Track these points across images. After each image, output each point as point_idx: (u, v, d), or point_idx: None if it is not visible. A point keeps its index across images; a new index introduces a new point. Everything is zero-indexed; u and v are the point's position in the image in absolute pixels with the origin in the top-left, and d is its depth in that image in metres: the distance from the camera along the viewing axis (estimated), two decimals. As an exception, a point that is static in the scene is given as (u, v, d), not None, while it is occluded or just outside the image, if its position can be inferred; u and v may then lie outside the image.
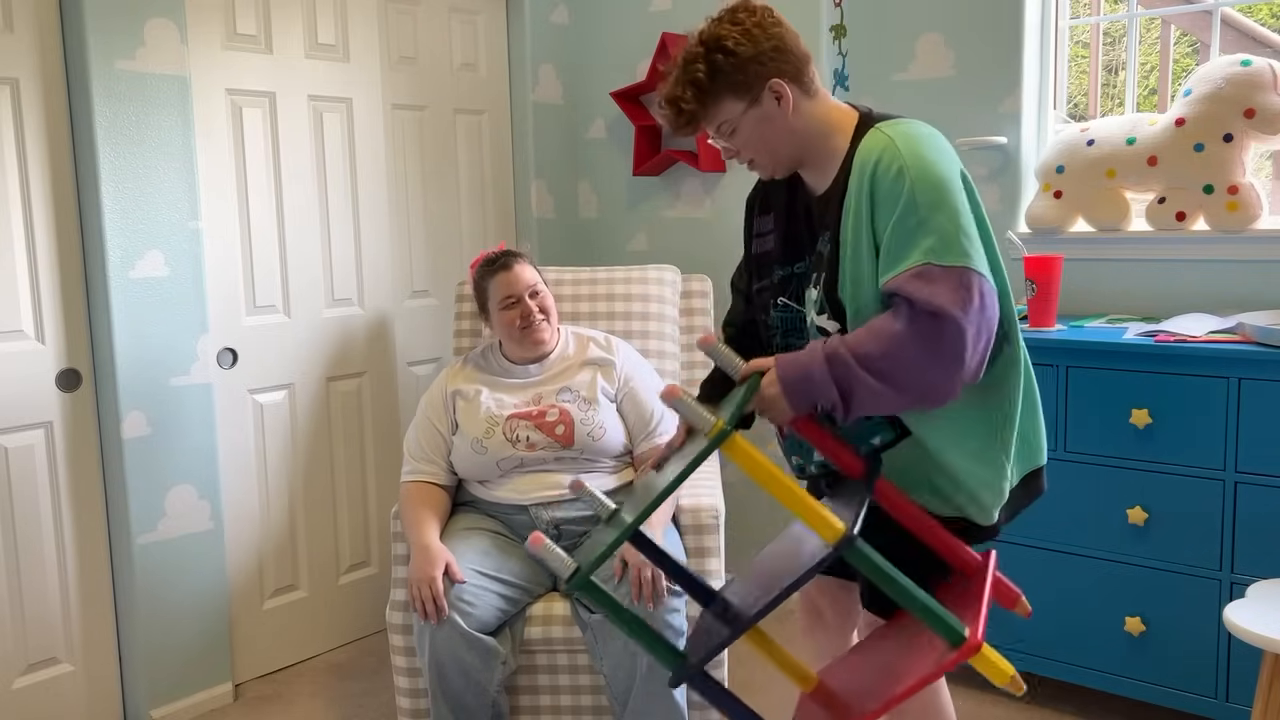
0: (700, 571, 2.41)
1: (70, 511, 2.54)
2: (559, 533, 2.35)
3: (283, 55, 2.88)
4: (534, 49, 3.49)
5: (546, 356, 2.50)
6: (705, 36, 1.64)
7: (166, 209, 2.59)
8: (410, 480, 2.42)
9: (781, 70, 1.62)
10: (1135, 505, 2.39)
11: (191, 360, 2.67)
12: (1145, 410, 2.36)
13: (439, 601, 2.12)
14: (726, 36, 1.61)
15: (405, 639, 2.34)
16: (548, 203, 3.60)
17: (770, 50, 1.61)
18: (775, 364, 1.57)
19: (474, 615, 2.16)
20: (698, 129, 1.68)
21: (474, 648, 2.15)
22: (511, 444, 2.36)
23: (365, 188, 3.11)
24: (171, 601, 2.67)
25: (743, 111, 1.63)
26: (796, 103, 1.63)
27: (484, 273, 2.50)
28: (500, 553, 2.30)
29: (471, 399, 2.43)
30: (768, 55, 1.61)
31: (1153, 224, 2.68)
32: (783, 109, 1.62)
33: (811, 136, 1.66)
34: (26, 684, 2.50)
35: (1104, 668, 2.48)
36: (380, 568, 3.23)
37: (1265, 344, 2.22)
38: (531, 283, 2.46)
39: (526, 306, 2.43)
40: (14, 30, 2.38)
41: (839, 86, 3.16)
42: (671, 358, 2.97)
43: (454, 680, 2.17)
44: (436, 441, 2.44)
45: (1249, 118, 2.50)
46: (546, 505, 2.36)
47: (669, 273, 3.04)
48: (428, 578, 2.15)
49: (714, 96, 1.62)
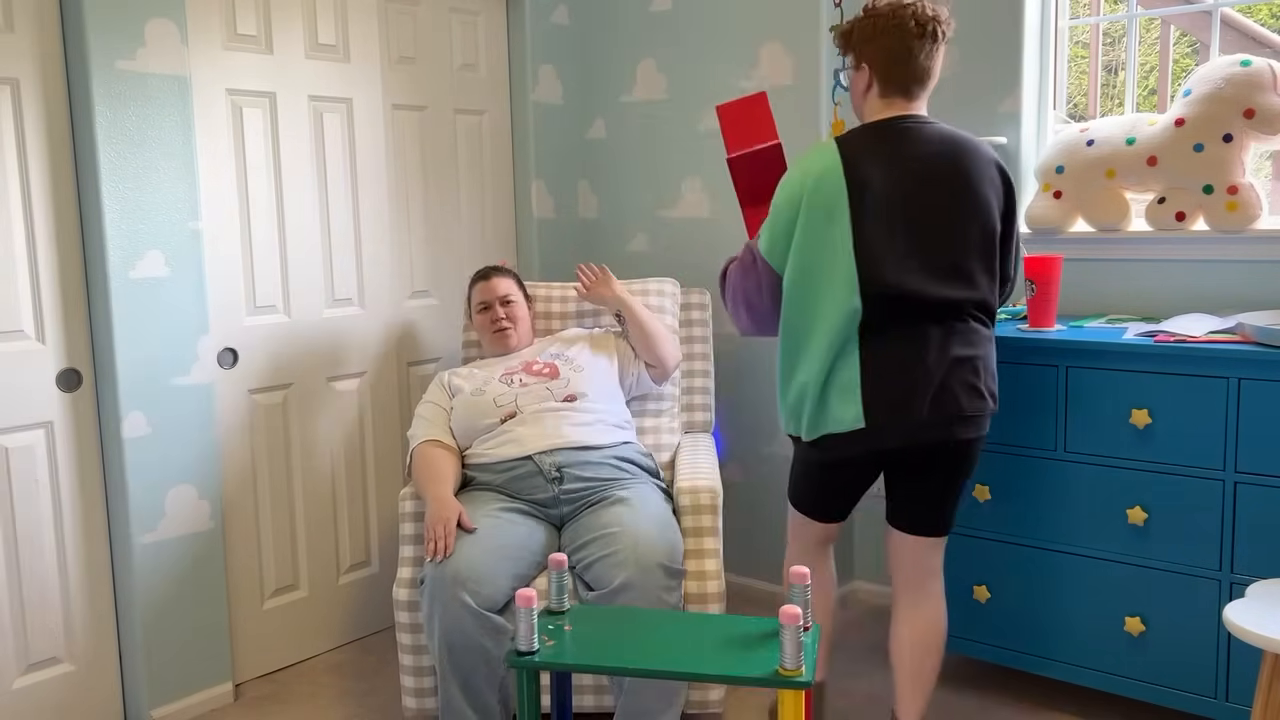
0: (698, 551, 2.46)
1: (70, 511, 2.54)
2: (561, 475, 2.50)
3: (283, 55, 2.88)
4: (534, 49, 3.49)
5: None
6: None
7: (166, 209, 2.59)
8: (419, 442, 2.60)
9: (873, 65, 2.14)
10: (1135, 505, 2.40)
11: (192, 360, 2.67)
12: (1145, 410, 2.36)
13: (449, 540, 2.29)
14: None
15: (411, 616, 2.41)
16: (548, 203, 3.60)
17: (880, 43, 2.12)
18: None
19: (483, 594, 2.22)
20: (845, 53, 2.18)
21: (484, 626, 2.22)
22: (506, 385, 2.66)
23: (365, 188, 3.11)
24: (171, 601, 2.67)
25: (852, 67, 2.17)
26: (870, 96, 2.16)
27: (472, 280, 2.91)
28: (508, 528, 2.38)
29: (465, 376, 2.76)
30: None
31: (1152, 224, 2.68)
32: (863, 90, 2.16)
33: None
34: (26, 684, 2.50)
35: (1104, 668, 2.48)
36: (380, 567, 3.23)
37: (1265, 344, 2.23)
38: (504, 293, 2.85)
39: (496, 312, 2.82)
40: (14, 30, 2.38)
41: (839, 87, 3.16)
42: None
43: (463, 659, 2.22)
44: (440, 416, 2.68)
45: (1249, 118, 2.50)
46: (549, 452, 2.52)
47: (669, 285, 3.07)
48: (443, 519, 2.33)
49: (843, 41, 2.22)
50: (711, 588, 2.43)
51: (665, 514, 2.45)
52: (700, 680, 1.71)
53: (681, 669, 1.67)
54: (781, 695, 1.64)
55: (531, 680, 1.75)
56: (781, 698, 1.64)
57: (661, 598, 2.23)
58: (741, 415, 3.41)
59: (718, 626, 1.83)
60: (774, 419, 3.33)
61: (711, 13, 3.33)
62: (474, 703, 2.26)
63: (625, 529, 2.31)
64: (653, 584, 2.23)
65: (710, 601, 2.42)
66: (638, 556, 2.24)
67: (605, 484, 2.50)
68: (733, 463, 3.46)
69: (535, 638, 1.74)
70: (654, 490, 2.55)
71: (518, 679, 1.75)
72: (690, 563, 2.46)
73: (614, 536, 2.31)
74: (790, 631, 1.62)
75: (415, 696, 2.46)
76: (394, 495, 3.25)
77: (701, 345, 3.08)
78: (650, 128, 3.52)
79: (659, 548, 2.28)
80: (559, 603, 1.91)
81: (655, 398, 2.95)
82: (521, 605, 1.72)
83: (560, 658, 1.72)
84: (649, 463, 2.66)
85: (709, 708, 2.47)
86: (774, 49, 3.19)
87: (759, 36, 3.22)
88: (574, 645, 1.77)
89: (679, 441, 2.94)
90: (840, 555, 3.35)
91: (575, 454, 2.53)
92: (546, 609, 1.92)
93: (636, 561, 2.23)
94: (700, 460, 2.72)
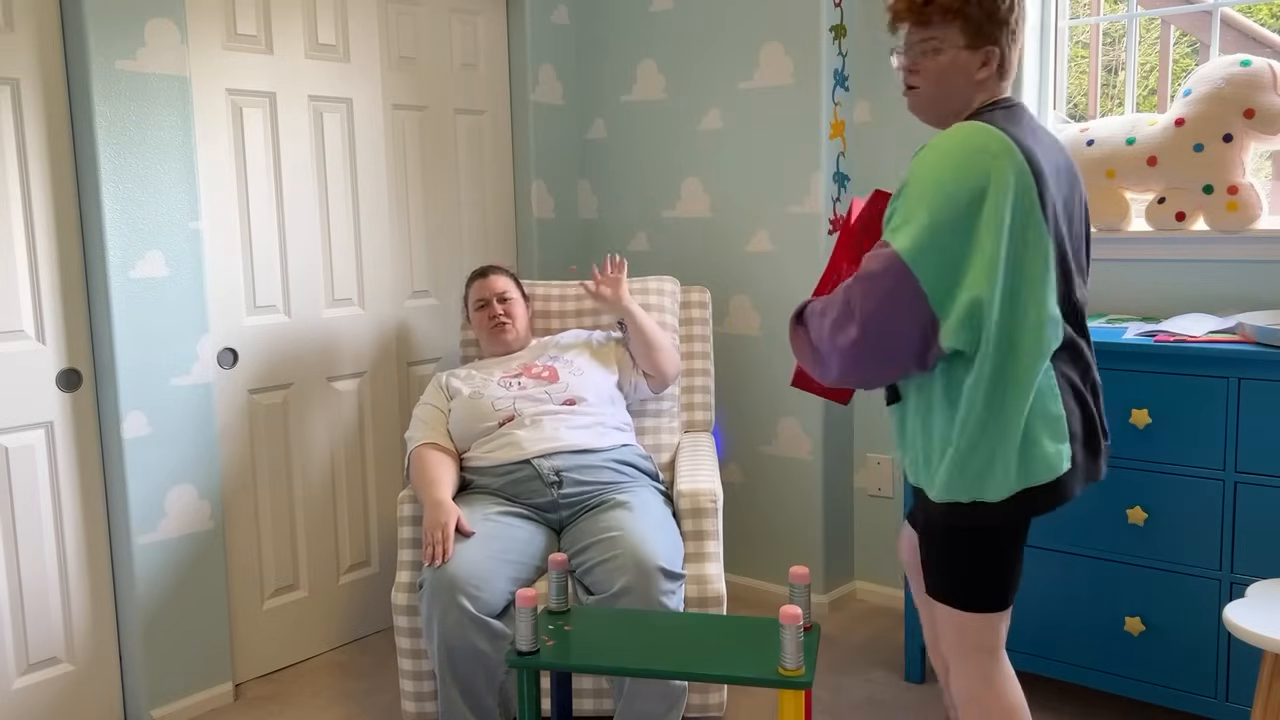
0: (699, 555, 2.46)
1: (70, 511, 2.54)
2: (560, 479, 2.48)
3: (283, 55, 2.88)
4: (534, 49, 3.49)
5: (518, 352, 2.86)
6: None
7: (166, 209, 2.59)
8: (417, 445, 2.59)
9: (1003, 47, 1.76)
10: (1135, 505, 2.39)
11: (192, 360, 2.67)
12: (1145, 410, 2.36)
13: (447, 545, 2.27)
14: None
15: (410, 620, 2.41)
16: (548, 203, 3.60)
17: (1014, 26, 1.77)
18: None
19: (482, 599, 2.22)
20: (906, 25, 1.79)
21: (483, 631, 2.21)
22: (505, 389, 2.66)
23: (365, 188, 3.11)
24: (171, 601, 2.67)
25: (957, 46, 1.74)
26: (985, 79, 1.76)
27: (470, 279, 2.93)
28: (507, 532, 2.38)
29: (464, 378, 2.75)
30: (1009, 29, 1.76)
31: (1152, 224, 2.68)
32: (977, 72, 1.75)
33: (964, 110, 1.79)
34: (26, 684, 2.50)
35: (1104, 668, 2.48)
36: (380, 568, 3.23)
37: (1265, 344, 2.22)
38: (502, 290, 2.86)
39: (494, 309, 2.83)
40: (14, 30, 2.38)
41: (839, 86, 3.16)
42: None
43: (463, 663, 2.22)
44: (438, 418, 2.67)
45: (1249, 118, 2.50)
46: (548, 455, 2.51)
47: (668, 283, 3.07)
48: (440, 523, 2.31)
49: (950, 16, 1.74)
50: (712, 591, 2.43)
51: (665, 517, 2.44)
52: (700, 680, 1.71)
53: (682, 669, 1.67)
54: (782, 695, 1.64)
55: (532, 681, 1.75)
56: (782, 698, 1.64)
57: (662, 602, 2.22)
58: (741, 415, 3.41)
59: (718, 627, 1.83)
60: (774, 419, 3.33)
61: (711, 13, 3.33)
62: (474, 707, 2.25)
63: (625, 533, 2.30)
64: (653, 588, 2.22)
65: (711, 605, 2.42)
66: (638, 561, 2.23)
67: (604, 487, 2.50)
68: (733, 463, 3.46)
69: (536, 638, 1.74)
70: (653, 493, 2.55)
71: (518, 679, 1.75)
72: (690, 566, 2.45)
73: (614, 540, 2.30)
74: (790, 631, 1.62)
75: (415, 700, 2.46)
76: (394, 495, 3.25)
77: (701, 345, 3.08)
78: (650, 128, 3.52)
79: (659, 551, 2.27)
80: (559, 603, 1.91)
81: (655, 398, 2.95)
82: (522, 605, 1.72)
83: (561, 658, 1.72)
84: (648, 465, 2.66)
85: (709, 711, 2.46)
86: (774, 49, 3.19)
87: (759, 36, 3.22)
88: (574, 646, 1.77)
89: (679, 442, 2.94)
90: (840, 555, 3.36)
91: (574, 457, 2.52)
92: (547, 609, 1.92)
93: (637, 566, 2.22)
94: (700, 462, 2.72)
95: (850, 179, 3.24)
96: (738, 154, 3.32)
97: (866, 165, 3.23)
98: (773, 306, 3.30)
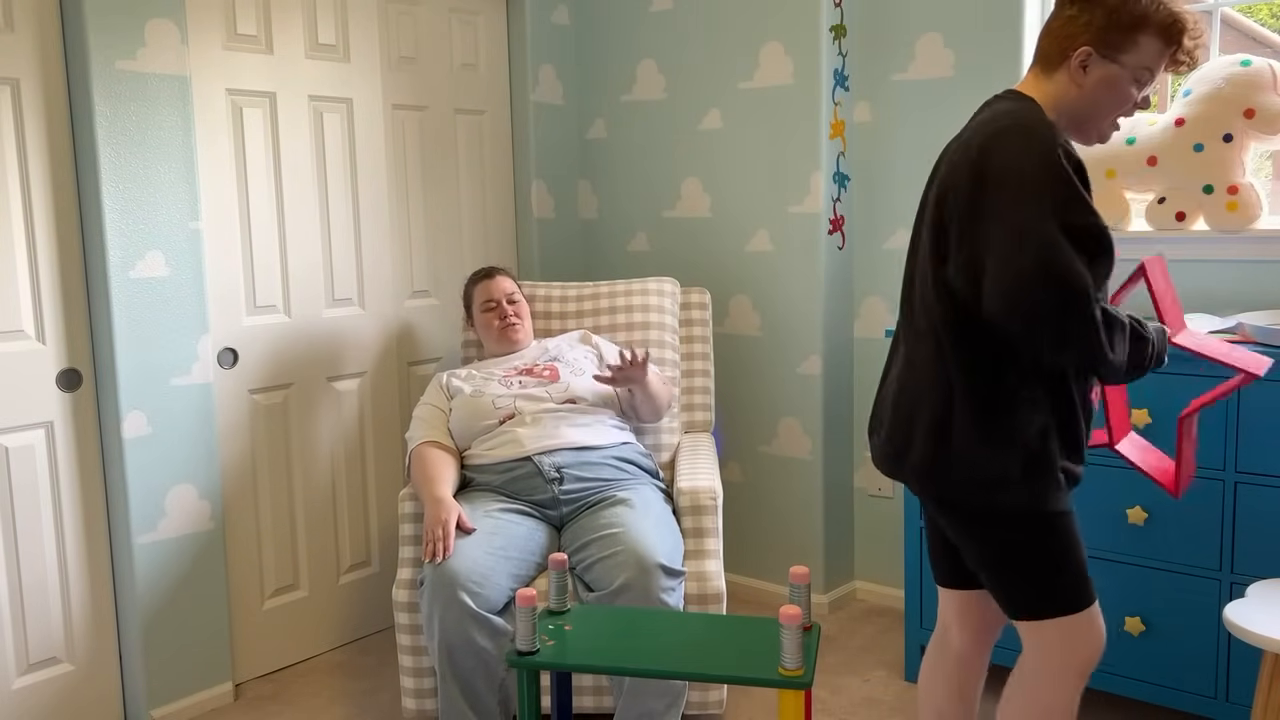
0: (699, 552, 2.46)
1: (71, 511, 2.54)
2: (560, 476, 2.49)
3: (283, 55, 2.88)
4: (534, 49, 3.49)
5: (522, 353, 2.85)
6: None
7: (166, 209, 2.59)
8: (418, 443, 2.59)
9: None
10: (1135, 505, 2.39)
11: (192, 360, 2.67)
12: (1145, 410, 2.36)
13: (448, 541, 2.27)
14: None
15: (411, 617, 2.41)
16: (548, 203, 3.60)
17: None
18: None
19: (483, 595, 2.22)
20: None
21: (483, 627, 2.22)
22: (505, 387, 2.66)
23: (365, 188, 3.11)
24: (171, 601, 2.67)
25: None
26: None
27: (471, 281, 2.92)
28: (507, 529, 2.38)
29: (464, 377, 2.75)
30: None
31: (1152, 224, 2.68)
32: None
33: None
34: (26, 684, 2.50)
35: (1104, 667, 2.48)
36: (380, 568, 3.23)
37: (1265, 344, 2.22)
38: (509, 290, 2.86)
39: (504, 309, 2.83)
40: (14, 30, 2.38)
41: (839, 86, 3.16)
42: (670, 365, 2.99)
43: (464, 661, 2.22)
44: (439, 417, 2.68)
45: (1249, 118, 2.50)
46: (549, 453, 2.52)
47: (668, 284, 3.07)
48: (440, 521, 2.31)
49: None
50: (712, 589, 2.43)
51: (665, 515, 2.45)
52: (701, 680, 1.71)
53: (682, 669, 1.67)
54: (781, 695, 1.64)
55: (532, 680, 1.75)
56: (781, 698, 1.64)
57: (662, 599, 2.23)
58: (742, 415, 3.41)
59: (718, 626, 1.83)
60: (774, 419, 3.33)
61: (711, 13, 3.33)
62: (474, 704, 2.25)
63: (626, 530, 2.31)
64: (653, 585, 2.23)
65: (710, 602, 2.42)
66: (638, 557, 2.24)
67: (605, 484, 2.50)
68: (733, 462, 3.46)
69: (535, 637, 1.74)
70: (654, 491, 2.55)
71: (518, 679, 1.75)
72: (690, 563, 2.46)
73: (614, 537, 2.30)
74: (790, 631, 1.62)
75: (415, 698, 2.46)
76: (394, 495, 3.25)
77: (701, 345, 3.08)
78: (650, 128, 3.52)
79: (659, 548, 2.28)
80: (559, 603, 1.91)
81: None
82: (522, 605, 1.72)
83: (561, 658, 1.72)
84: (649, 463, 2.66)
85: (709, 709, 2.47)
86: (774, 49, 3.19)
87: (759, 36, 3.22)
88: (574, 645, 1.77)
89: (679, 441, 2.94)
90: (840, 555, 3.36)
91: (575, 454, 2.53)
92: (547, 609, 1.92)
93: (637, 562, 2.23)
94: (700, 460, 2.73)
95: (850, 179, 3.24)
96: (738, 154, 3.32)
97: (866, 165, 3.23)
98: (772, 306, 3.30)
